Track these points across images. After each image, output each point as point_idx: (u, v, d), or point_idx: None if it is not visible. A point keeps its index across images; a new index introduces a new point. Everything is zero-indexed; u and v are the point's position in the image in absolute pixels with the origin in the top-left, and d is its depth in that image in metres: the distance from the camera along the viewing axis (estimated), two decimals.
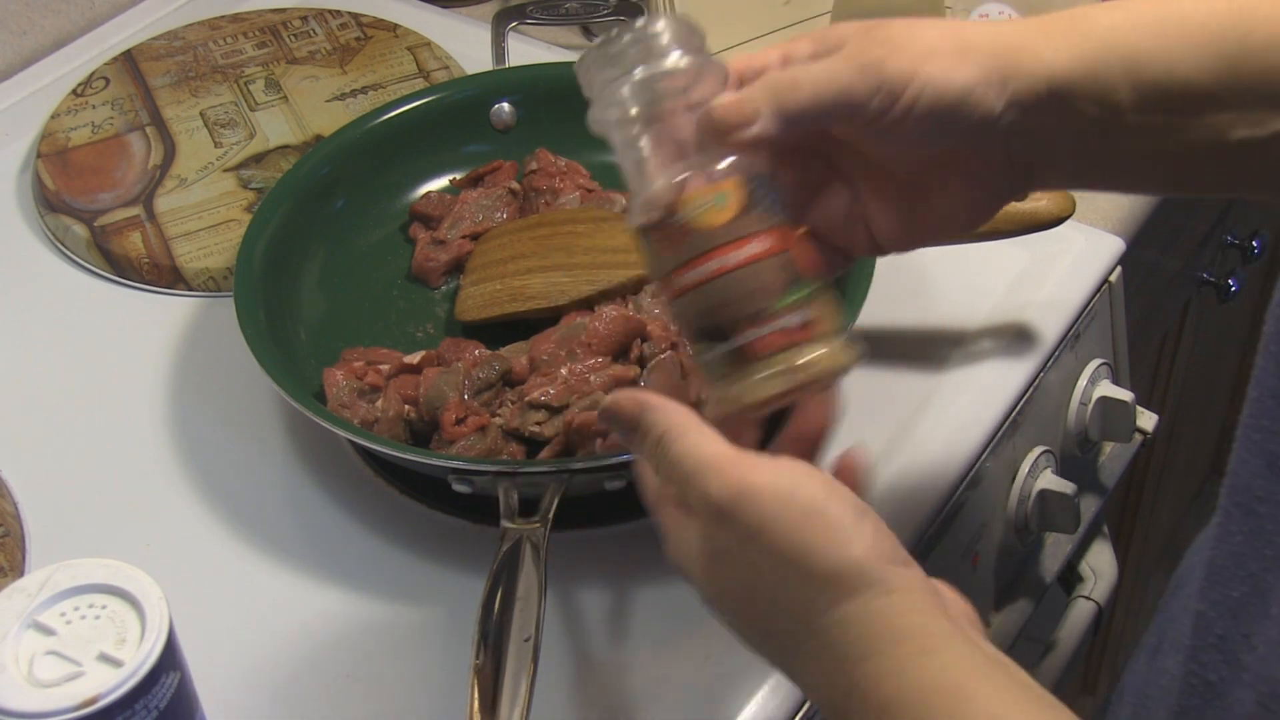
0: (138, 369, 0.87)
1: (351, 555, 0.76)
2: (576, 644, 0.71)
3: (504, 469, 0.70)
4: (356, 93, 1.04)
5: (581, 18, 1.05)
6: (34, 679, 0.56)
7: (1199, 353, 1.41)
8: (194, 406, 0.84)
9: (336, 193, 0.90)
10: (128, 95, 1.04)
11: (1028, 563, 0.95)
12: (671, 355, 0.78)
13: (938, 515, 0.79)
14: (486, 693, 0.59)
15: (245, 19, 1.11)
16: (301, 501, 0.79)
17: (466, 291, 0.85)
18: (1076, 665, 1.02)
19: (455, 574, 0.74)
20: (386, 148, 0.92)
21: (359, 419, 0.76)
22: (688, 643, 0.71)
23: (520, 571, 0.64)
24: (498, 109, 0.95)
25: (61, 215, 0.95)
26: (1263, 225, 1.37)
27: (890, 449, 0.80)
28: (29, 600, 0.58)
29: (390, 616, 0.73)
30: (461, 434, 0.75)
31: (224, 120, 1.02)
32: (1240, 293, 1.30)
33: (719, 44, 1.07)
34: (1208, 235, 1.27)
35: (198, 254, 0.92)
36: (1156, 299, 1.17)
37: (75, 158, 0.99)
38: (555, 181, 0.89)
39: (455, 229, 0.88)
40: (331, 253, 0.89)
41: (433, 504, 0.78)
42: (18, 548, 0.76)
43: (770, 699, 0.69)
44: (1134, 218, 0.96)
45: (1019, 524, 0.89)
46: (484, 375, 0.77)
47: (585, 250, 0.84)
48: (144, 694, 0.57)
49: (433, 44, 1.08)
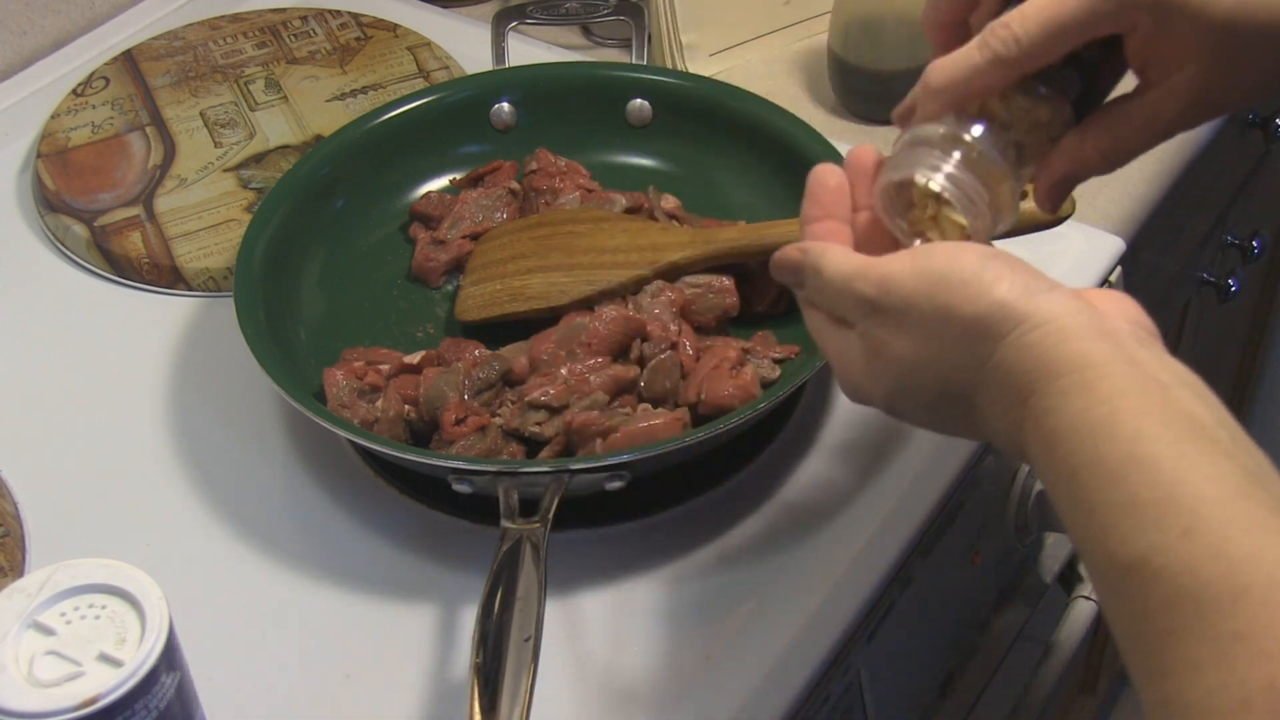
0: (138, 369, 0.87)
1: (351, 555, 0.76)
2: (576, 644, 0.71)
3: (504, 469, 0.70)
4: (356, 93, 1.04)
5: (581, 18, 1.05)
6: (34, 679, 0.56)
7: (1199, 353, 1.41)
8: (194, 406, 0.84)
9: (336, 193, 0.90)
10: (128, 95, 1.04)
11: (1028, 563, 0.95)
12: (671, 355, 0.78)
13: (938, 515, 0.79)
14: (486, 693, 0.59)
15: (245, 19, 1.11)
16: (301, 501, 0.79)
17: (466, 291, 0.85)
18: (1076, 665, 1.02)
19: (455, 574, 0.74)
20: (386, 148, 0.92)
21: (359, 419, 0.76)
22: (688, 643, 0.71)
23: (520, 571, 0.64)
24: (498, 109, 0.95)
25: (61, 215, 0.95)
26: (1263, 225, 1.37)
27: (890, 449, 0.80)
28: (29, 600, 0.58)
29: (390, 616, 0.73)
30: (461, 434, 0.75)
31: (224, 120, 1.02)
32: (1240, 293, 1.30)
33: (719, 44, 1.07)
34: (1208, 235, 1.27)
35: (198, 254, 0.92)
36: (1156, 299, 1.17)
37: (75, 158, 0.99)
38: (555, 181, 0.89)
39: (455, 229, 0.88)
40: (331, 253, 0.89)
41: (433, 504, 0.78)
42: (18, 548, 0.76)
43: (769, 698, 0.69)
44: (1134, 218, 0.96)
45: (1019, 524, 0.89)
46: (484, 375, 0.77)
47: (585, 250, 0.84)
48: (144, 694, 0.57)
49: (433, 44, 1.08)
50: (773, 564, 0.74)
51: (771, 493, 0.78)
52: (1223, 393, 0.50)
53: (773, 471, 0.79)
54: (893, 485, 0.78)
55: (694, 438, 0.72)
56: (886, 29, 0.99)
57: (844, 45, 1.01)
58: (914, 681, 0.85)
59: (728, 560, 0.75)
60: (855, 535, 0.75)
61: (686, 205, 0.89)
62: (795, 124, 0.89)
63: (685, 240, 0.83)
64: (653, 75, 0.96)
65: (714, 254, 0.82)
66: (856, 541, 0.75)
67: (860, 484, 0.78)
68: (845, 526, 0.76)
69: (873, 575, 0.74)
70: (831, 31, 1.02)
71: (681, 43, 1.05)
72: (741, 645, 0.71)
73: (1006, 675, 0.93)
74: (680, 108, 0.94)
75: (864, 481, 0.78)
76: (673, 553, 0.75)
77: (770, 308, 0.84)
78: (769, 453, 0.80)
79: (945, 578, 0.83)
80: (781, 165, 0.89)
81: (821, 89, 1.06)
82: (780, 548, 0.75)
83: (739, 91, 0.93)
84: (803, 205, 0.62)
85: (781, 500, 0.77)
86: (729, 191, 0.91)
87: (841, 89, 1.04)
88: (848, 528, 0.76)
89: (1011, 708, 0.95)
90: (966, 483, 0.81)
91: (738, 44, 1.08)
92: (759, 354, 0.80)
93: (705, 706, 0.68)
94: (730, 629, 0.71)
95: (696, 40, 1.05)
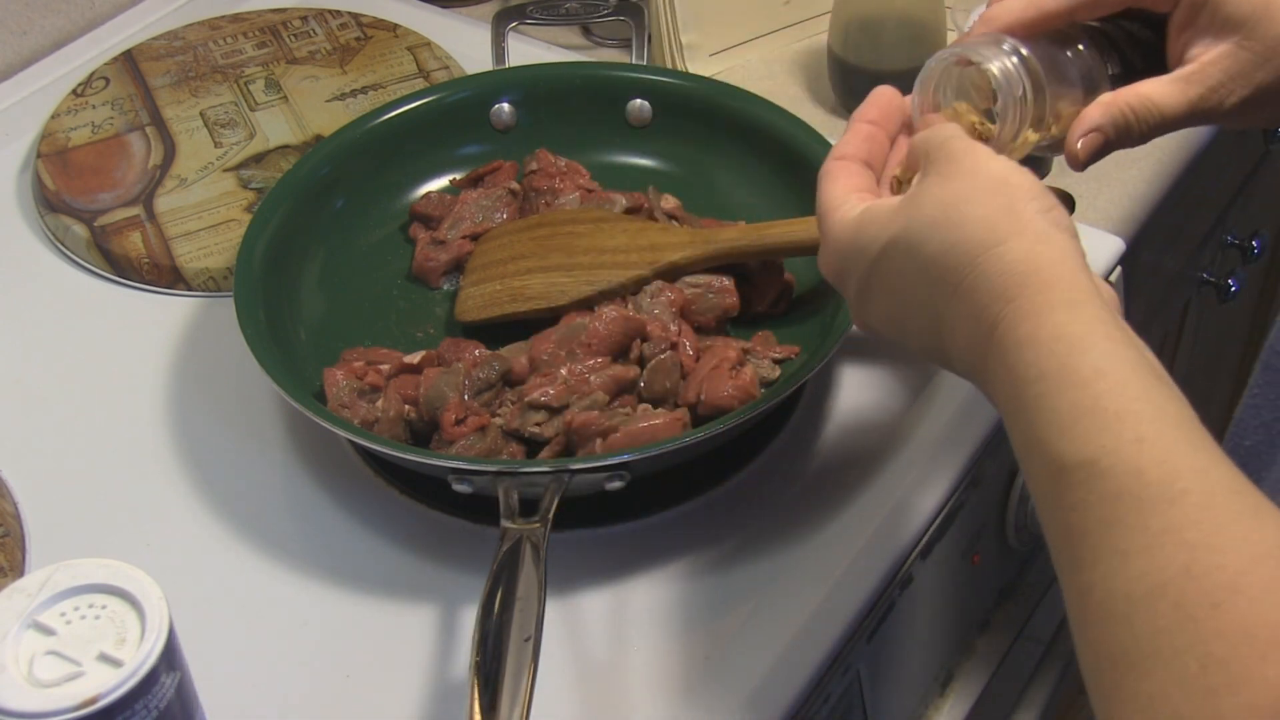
0: (138, 369, 0.87)
1: (351, 555, 0.76)
2: (576, 644, 0.71)
3: (504, 469, 0.70)
4: (356, 93, 1.04)
5: (581, 18, 1.05)
6: (34, 679, 0.56)
7: (1199, 353, 1.41)
8: (194, 406, 0.84)
9: (336, 193, 0.90)
10: (128, 95, 1.04)
11: (1028, 563, 0.95)
12: (671, 355, 0.78)
13: (937, 515, 0.79)
14: (486, 693, 0.59)
15: (245, 19, 1.11)
16: (301, 501, 0.79)
17: (466, 292, 0.85)
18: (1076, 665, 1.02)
19: (455, 574, 0.74)
20: (386, 148, 0.92)
21: (359, 419, 0.76)
22: (688, 643, 0.71)
23: (520, 571, 0.64)
24: (498, 109, 0.95)
25: (61, 215, 0.95)
26: (1263, 225, 1.37)
27: (890, 449, 0.80)
28: (29, 600, 0.58)
29: (390, 616, 0.73)
30: (461, 434, 0.75)
31: (224, 120, 1.02)
32: (1240, 293, 1.30)
33: (719, 44, 1.07)
34: (1208, 235, 1.27)
35: (198, 254, 0.92)
36: (1156, 299, 1.17)
37: (75, 158, 0.99)
38: (555, 182, 0.89)
39: (455, 229, 0.88)
40: (331, 253, 0.89)
41: (433, 504, 0.78)
42: (18, 548, 0.76)
43: (769, 698, 0.69)
44: (1134, 218, 0.96)
45: (1019, 524, 0.89)
46: (484, 375, 0.77)
47: (585, 250, 0.84)
48: (144, 694, 0.57)
49: (433, 44, 1.08)
50: (772, 564, 0.74)
51: (771, 493, 0.78)
52: (1223, 392, 0.51)
53: (773, 471, 0.79)
54: (893, 485, 0.78)
55: (694, 438, 0.72)
56: (886, 29, 0.99)
57: (844, 45, 1.01)
58: (914, 681, 0.85)
59: (727, 560, 0.75)
60: (855, 535, 0.75)
61: (686, 205, 0.89)
62: (795, 124, 0.89)
63: (685, 240, 0.83)
64: (653, 75, 0.96)
65: (714, 254, 0.82)
66: (856, 541, 0.75)
67: (860, 484, 0.78)
68: (845, 526, 0.76)
69: (873, 575, 0.74)
70: (831, 31, 1.02)
71: (681, 43, 1.05)
72: (741, 645, 0.71)
73: (1006, 675, 0.93)
74: (680, 108, 0.94)
75: (864, 481, 0.78)
76: (673, 553, 0.75)
77: (770, 308, 0.84)
78: (769, 453, 0.80)
79: (945, 578, 0.83)
80: (781, 165, 0.89)
81: (821, 89, 1.06)
82: (780, 548, 0.75)
83: (739, 91, 0.93)
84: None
85: (781, 500, 0.77)
86: (729, 191, 0.91)
87: (841, 89, 1.04)
88: (848, 528, 0.76)
89: (1011, 708, 0.95)
90: (966, 483, 0.81)
91: (738, 44, 1.08)
92: (759, 354, 0.80)
93: (705, 707, 0.68)
94: (730, 629, 0.71)
95: (696, 40, 1.05)
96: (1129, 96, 0.65)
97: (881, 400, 0.82)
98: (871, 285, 0.60)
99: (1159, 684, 0.44)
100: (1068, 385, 0.50)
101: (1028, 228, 0.54)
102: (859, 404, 0.82)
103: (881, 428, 0.81)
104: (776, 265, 0.84)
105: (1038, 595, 0.94)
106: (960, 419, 0.81)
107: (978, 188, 0.56)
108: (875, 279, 0.60)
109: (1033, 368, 0.51)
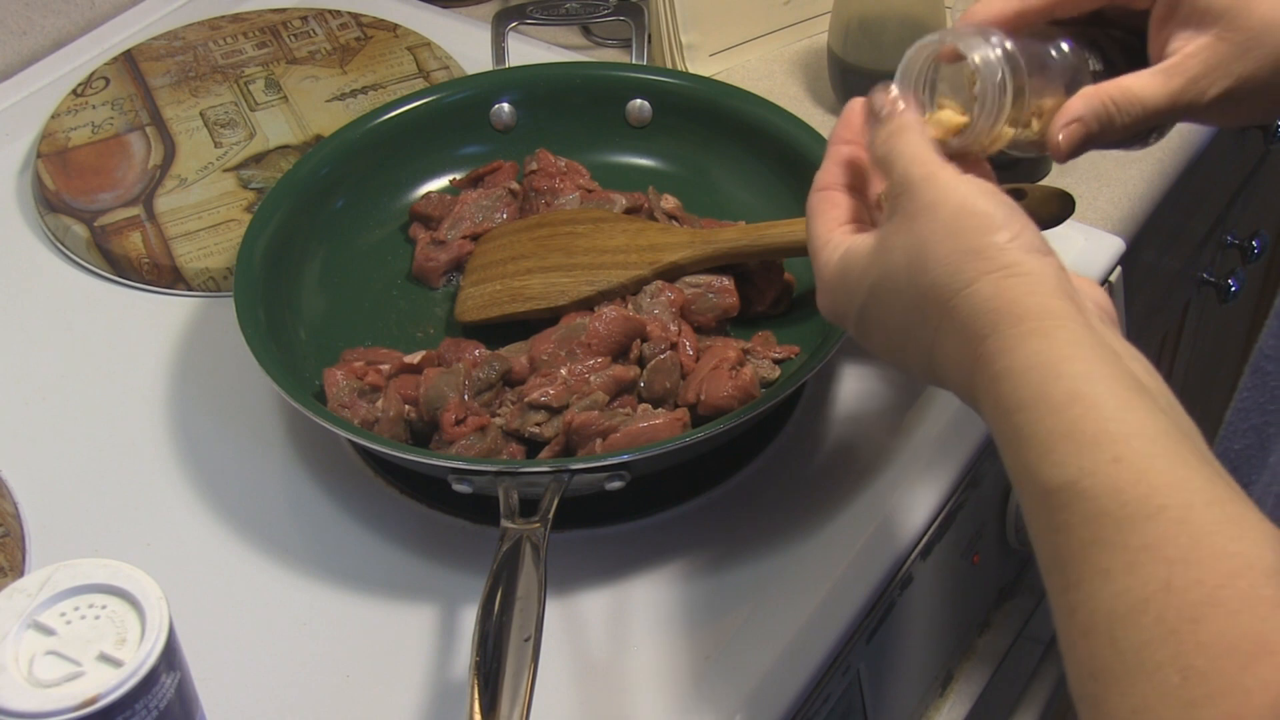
0: (138, 369, 0.87)
1: (351, 555, 0.76)
2: (576, 644, 0.71)
3: (504, 469, 0.70)
4: (356, 93, 1.04)
5: (581, 18, 1.05)
6: (34, 679, 0.56)
7: (1199, 352, 1.41)
8: (194, 406, 0.84)
9: (336, 193, 0.90)
10: (128, 95, 1.04)
11: (1028, 563, 0.95)
12: (671, 355, 0.78)
13: (938, 515, 0.79)
14: (486, 693, 0.59)
15: (245, 19, 1.11)
16: (301, 501, 0.79)
17: (466, 292, 0.85)
18: None
19: (455, 574, 0.74)
20: (386, 148, 0.92)
21: (359, 419, 0.76)
22: (688, 643, 0.71)
23: (520, 571, 0.64)
24: (498, 109, 0.95)
25: (61, 215, 0.95)
26: (1263, 225, 1.37)
27: (890, 449, 0.80)
28: (29, 600, 0.58)
29: (390, 616, 0.73)
30: (461, 434, 0.75)
31: (224, 120, 1.02)
32: (1240, 293, 1.30)
33: (719, 44, 1.07)
34: (1208, 235, 1.27)
35: (198, 254, 0.92)
36: (1156, 299, 1.17)
37: (75, 158, 0.99)
38: (555, 182, 0.89)
39: (455, 229, 0.88)
40: (331, 253, 0.89)
41: (433, 504, 0.78)
42: (18, 548, 0.76)
43: (769, 698, 0.69)
44: (1134, 218, 0.96)
45: (1019, 524, 0.89)
46: (484, 375, 0.77)
47: (585, 250, 0.84)
48: (144, 694, 0.57)
49: (433, 44, 1.08)
50: (772, 564, 0.74)
51: (771, 493, 0.78)
52: (1222, 393, 0.52)
53: (772, 471, 0.79)
54: (893, 485, 0.78)
55: (694, 438, 0.72)
56: (886, 29, 0.99)
57: (844, 45, 1.01)
58: (914, 681, 0.85)
59: (727, 560, 0.75)
60: (855, 535, 0.75)
61: (686, 205, 0.89)
62: (795, 124, 0.89)
63: (685, 240, 0.83)
64: (653, 75, 0.96)
65: (714, 254, 0.82)
66: (856, 541, 0.75)
67: (860, 484, 0.78)
68: (845, 526, 0.76)
69: (872, 575, 0.74)
70: (831, 31, 1.02)
71: (681, 43, 1.05)
72: (741, 645, 0.71)
73: (1006, 675, 0.93)
74: (680, 108, 0.94)
75: (864, 481, 0.78)
76: (673, 553, 0.75)
77: (770, 308, 0.84)
78: (769, 453, 0.80)
79: (945, 578, 0.83)
80: (781, 165, 0.89)
81: (821, 89, 1.06)
82: (780, 548, 0.75)
83: (739, 91, 0.93)
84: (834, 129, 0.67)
85: (781, 500, 0.77)
86: (729, 191, 0.91)
87: (841, 89, 1.04)
88: (848, 528, 0.76)
89: (1011, 708, 0.95)
90: (966, 483, 0.81)
91: (738, 44, 1.08)
92: (759, 354, 0.80)
93: (705, 707, 0.68)
94: (730, 629, 0.71)
95: (696, 40, 1.05)
96: (1110, 89, 0.65)
97: (881, 400, 0.82)
98: (865, 323, 0.61)
99: (1142, 697, 0.45)
100: (1045, 412, 0.51)
101: (994, 263, 0.55)
102: (859, 404, 0.82)
103: (881, 428, 0.81)
104: (776, 265, 0.84)
105: (1038, 595, 0.94)
106: (960, 419, 0.81)
107: (939, 228, 0.56)
108: (866, 321, 0.61)
109: (1012, 398, 0.52)
